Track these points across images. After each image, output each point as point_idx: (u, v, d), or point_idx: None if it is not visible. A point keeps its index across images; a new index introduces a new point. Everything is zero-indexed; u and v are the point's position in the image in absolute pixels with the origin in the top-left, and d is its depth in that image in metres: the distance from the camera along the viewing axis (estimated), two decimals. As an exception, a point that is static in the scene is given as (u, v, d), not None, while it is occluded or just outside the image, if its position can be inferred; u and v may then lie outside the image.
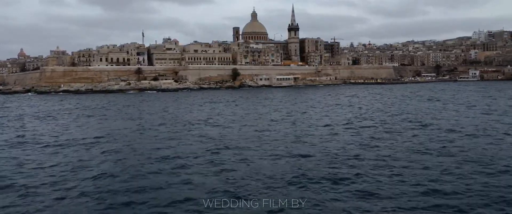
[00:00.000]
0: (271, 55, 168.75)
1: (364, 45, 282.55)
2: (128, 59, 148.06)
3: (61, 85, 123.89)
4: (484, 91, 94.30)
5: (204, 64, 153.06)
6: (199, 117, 47.69)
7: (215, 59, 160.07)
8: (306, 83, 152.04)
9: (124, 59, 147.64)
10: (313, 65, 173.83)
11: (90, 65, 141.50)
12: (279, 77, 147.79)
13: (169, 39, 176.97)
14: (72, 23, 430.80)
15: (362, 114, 48.93)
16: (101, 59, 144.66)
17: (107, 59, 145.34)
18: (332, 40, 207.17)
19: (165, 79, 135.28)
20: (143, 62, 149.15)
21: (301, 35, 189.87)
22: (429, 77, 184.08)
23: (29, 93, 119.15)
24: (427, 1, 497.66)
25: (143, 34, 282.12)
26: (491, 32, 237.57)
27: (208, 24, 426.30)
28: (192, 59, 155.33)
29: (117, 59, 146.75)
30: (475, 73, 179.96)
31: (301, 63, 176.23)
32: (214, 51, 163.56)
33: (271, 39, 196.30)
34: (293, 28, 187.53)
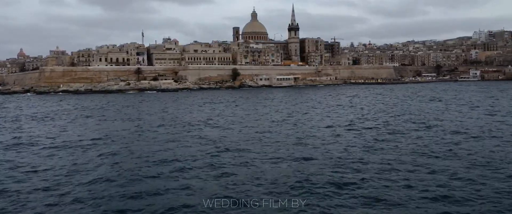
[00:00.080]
0: (271, 55, 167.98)
1: (365, 45, 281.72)
2: (127, 59, 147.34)
3: (60, 86, 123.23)
4: (486, 91, 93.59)
5: (204, 64, 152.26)
6: (198, 118, 47.00)
7: (215, 59, 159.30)
8: (306, 84, 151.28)
9: (123, 59, 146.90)
10: (313, 65, 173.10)
11: (89, 65, 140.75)
12: (279, 77, 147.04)
13: (169, 39, 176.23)
14: (72, 23, 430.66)
15: (364, 114, 48.23)
16: (100, 59, 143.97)
17: (106, 59, 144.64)
18: (332, 40, 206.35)
19: (165, 80, 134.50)
20: (143, 62, 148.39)
21: (301, 35, 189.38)
22: (429, 77, 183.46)
23: (28, 94, 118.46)
24: (427, 1, 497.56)
25: (142, 34, 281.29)
26: (491, 32, 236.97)
27: (208, 24, 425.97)
28: (192, 59, 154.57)
29: (117, 59, 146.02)
30: (475, 73, 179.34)
31: (301, 63, 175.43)
32: (214, 51, 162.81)
33: (271, 39, 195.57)
34: (293, 28, 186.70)
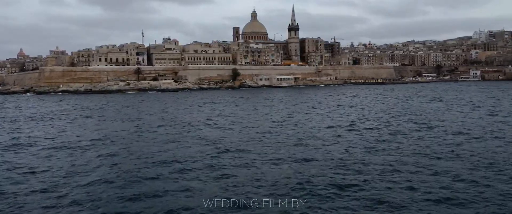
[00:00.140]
0: (271, 55, 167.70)
1: (365, 45, 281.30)
2: (127, 59, 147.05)
3: (60, 86, 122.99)
4: (486, 91, 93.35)
5: (204, 64, 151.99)
6: (198, 118, 46.76)
7: (215, 59, 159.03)
8: (306, 84, 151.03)
9: (123, 59, 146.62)
10: (314, 65, 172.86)
11: (89, 65, 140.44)
12: (279, 77, 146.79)
13: (169, 39, 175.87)
14: (72, 23, 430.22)
15: (365, 115, 47.98)
16: (100, 59, 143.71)
17: (106, 59, 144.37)
18: (332, 40, 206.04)
19: (165, 80, 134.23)
20: (143, 62, 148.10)
21: (301, 35, 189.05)
22: (430, 77, 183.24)
23: (28, 94, 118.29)
24: (427, 1, 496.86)
25: (142, 34, 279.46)
26: (492, 32, 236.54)
27: (208, 24, 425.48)
28: (192, 59, 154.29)
29: (117, 59, 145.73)
30: (476, 73, 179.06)
31: (301, 63, 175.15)
32: (214, 51, 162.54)
33: (271, 39, 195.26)
34: (293, 28, 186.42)
